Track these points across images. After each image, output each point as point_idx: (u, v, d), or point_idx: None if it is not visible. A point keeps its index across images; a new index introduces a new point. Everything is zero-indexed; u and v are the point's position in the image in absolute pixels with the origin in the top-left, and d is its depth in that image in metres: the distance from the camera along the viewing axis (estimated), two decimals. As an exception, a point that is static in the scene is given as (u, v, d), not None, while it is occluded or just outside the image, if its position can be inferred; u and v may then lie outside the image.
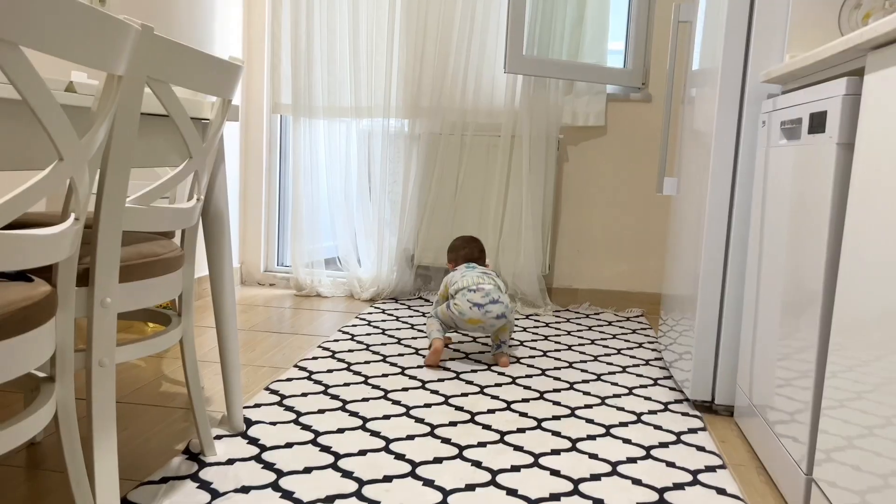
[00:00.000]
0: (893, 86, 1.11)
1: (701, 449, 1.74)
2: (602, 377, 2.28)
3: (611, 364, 2.44)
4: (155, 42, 1.10)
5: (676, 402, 2.08)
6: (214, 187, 1.61)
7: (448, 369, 2.29)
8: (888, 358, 1.08)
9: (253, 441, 1.68)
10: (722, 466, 1.65)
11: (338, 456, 1.62)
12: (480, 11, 3.19)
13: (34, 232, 0.89)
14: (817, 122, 1.41)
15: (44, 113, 0.81)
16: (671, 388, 2.20)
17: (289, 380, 2.13)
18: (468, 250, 2.60)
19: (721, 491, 1.53)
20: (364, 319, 2.93)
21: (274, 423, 1.79)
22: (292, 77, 3.36)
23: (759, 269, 1.77)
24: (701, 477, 1.59)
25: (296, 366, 2.28)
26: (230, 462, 1.56)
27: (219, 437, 1.69)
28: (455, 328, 2.39)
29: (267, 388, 2.05)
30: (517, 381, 2.21)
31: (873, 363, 1.13)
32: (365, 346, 2.52)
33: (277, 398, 1.97)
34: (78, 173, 0.93)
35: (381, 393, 2.04)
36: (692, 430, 1.86)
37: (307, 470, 1.54)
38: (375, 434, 1.75)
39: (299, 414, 1.86)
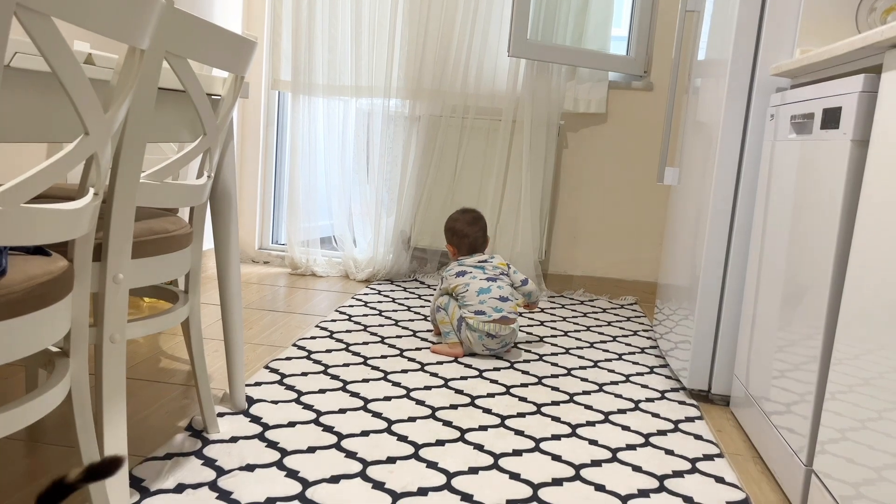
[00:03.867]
0: (913, 85, 1.12)
1: (698, 437, 1.77)
2: (599, 364, 2.30)
3: (607, 351, 2.46)
4: (175, 16, 1.08)
5: (673, 390, 2.10)
6: (223, 165, 1.59)
7: (446, 355, 2.30)
8: (891, 348, 1.10)
9: (255, 419, 1.68)
10: (719, 455, 1.67)
11: (340, 436, 1.62)
12: (485, -7, 3.16)
13: (55, 207, 0.88)
14: (830, 118, 1.42)
15: (73, 86, 0.80)
16: (667, 377, 2.22)
17: (288, 359, 2.13)
18: (472, 239, 2.45)
19: (719, 479, 1.55)
20: (360, 300, 2.93)
21: (275, 402, 1.79)
22: (292, 54, 3.32)
23: (761, 262, 1.79)
24: (699, 465, 1.61)
25: (294, 345, 2.28)
26: (234, 440, 1.57)
27: (221, 415, 1.69)
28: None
29: (267, 367, 2.05)
30: (515, 365, 2.23)
31: (879, 352, 1.14)
32: (363, 327, 2.52)
33: (278, 377, 1.97)
34: (101, 148, 0.92)
35: (381, 374, 2.05)
36: (689, 419, 1.88)
37: (311, 449, 1.55)
38: (377, 415, 1.76)
39: (300, 393, 1.86)
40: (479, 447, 1.62)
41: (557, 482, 1.48)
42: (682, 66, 3.01)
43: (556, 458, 1.60)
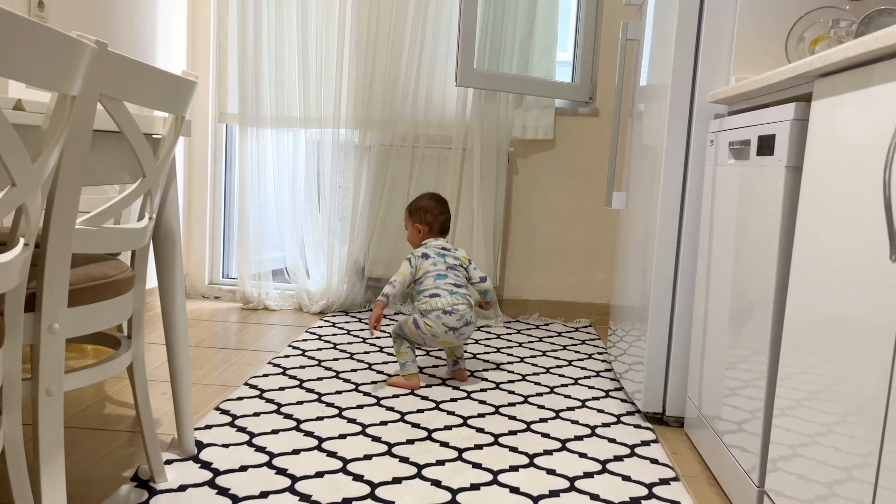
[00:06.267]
0: (841, 112, 1.16)
1: (654, 461, 1.78)
2: (555, 389, 2.31)
3: (563, 376, 2.46)
4: (109, 59, 1.06)
5: (628, 413, 2.12)
6: (166, 205, 1.56)
7: (401, 387, 2.27)
8: (835, 361, 1.12)
9: (205, 465, 1.63)
10: (675, 479, 1.69)
11: (294, 478, 1.58)
12: (431, 24, 3.19)
13: (-18, 260, 0.84)
14: (765, 145, 1.46)
15: (-4, 138, 0.77)
16: (622, 400, 2.24)
17: (240, 399, 2.08)
18: (445, 218, 2.43)
19: None
20: (314, 333, 2.89)
21: (226, 446, 1.74)
22: (239, 86, 3.29)
23: (708, 282, 1.82)
24: (656, 490, 1.62)
25: (246, 384, 2.22)
26: (182, 489, 1.51)
27: (169, 462, 1.64)
28: (421, 345, 2.33)
29: (217, 408, 2.00)
30: (472, 395, 2.22)
31: (825, 365, 1.17)
32: (317, 362, 2.48)
33: (229, 418, 1.92)
34: (30, 198, 0.88)
35: (336, 411, 2.02)
36: (645, 443, 1.89)
37: (263, 494, 1.50)
38: (332, 454, 1.72)
39: (252, 435, 1.82)
40: (437, 483, 1.60)
41: (516, 515, 1.47)
42: (626, 92, 3.07)
43: (514, 489, 1.59)
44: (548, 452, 1.80)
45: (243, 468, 1.62)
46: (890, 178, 0.96)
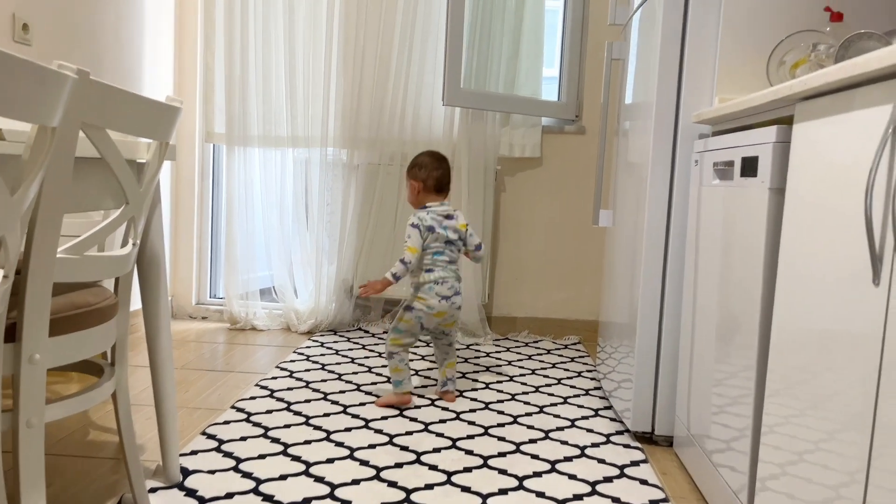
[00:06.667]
0: (822, 135, 1.17)
1: (644, 482, 1.77)
2: (544, 409, 2.30)
3: (552, 395, 2.46)
4: (91, 88, 1.05)
5: (618, 433, 2.11)
6: (150, 230, 1.55)
7: (392, 406, 2.26)
8: (821, 378, 1.12)
9: (190, 493, 1.61)
10: (665, 500, 1.68)
11: (281, 505, 1.57)
12: (418, 44, 3.21)
13: (-40, 295, 0.83)
14: (749, 167, 1.47)
15: (-26, 173, 0.77)
16: (612, 419, 2.23)
17: (226, 423, 2.06)
18: (441, 173, 2.37)
19: (666, 525, 1.55)
20: (302, 354, 2.87)
21: (212, 472, 1.72)
22: (226, 106, 3.29)
23: (695, 299, 1.82)
24: (646, 512, 1.61)
25: (233, 407, 2.20)
26: (167, 517, 1.49)
27: (153, 490, 1.61)
28: (418, 332, 2.32)
29: (203, 433, 1.97)
30: (461, 416, 2.20)
31: (812, 382, 1.17)
32: (304, 384, 2.46)
33: (215, 443, 1.90)
34: (9, 231, 0.87)
35: (324, 434, 2.00)
36: (634, 463, 1.89)
37: (250, 522, 1.49)
38: (320, 479, 1.71)
39: (239, 460, 1.80)
40: (425, 507, 1.59)
41: (505, 540, 1.46)
42: (612, 110, 3.09)
43: (504, 514, 1.58)
44: (537, 474, 1.79)
45: (229, 495, 1.60)
46: (871, 203, 0.97)
